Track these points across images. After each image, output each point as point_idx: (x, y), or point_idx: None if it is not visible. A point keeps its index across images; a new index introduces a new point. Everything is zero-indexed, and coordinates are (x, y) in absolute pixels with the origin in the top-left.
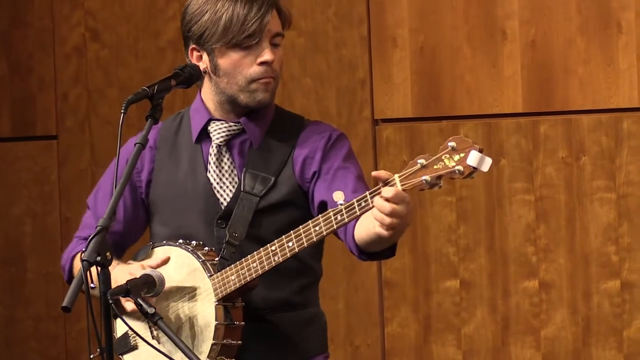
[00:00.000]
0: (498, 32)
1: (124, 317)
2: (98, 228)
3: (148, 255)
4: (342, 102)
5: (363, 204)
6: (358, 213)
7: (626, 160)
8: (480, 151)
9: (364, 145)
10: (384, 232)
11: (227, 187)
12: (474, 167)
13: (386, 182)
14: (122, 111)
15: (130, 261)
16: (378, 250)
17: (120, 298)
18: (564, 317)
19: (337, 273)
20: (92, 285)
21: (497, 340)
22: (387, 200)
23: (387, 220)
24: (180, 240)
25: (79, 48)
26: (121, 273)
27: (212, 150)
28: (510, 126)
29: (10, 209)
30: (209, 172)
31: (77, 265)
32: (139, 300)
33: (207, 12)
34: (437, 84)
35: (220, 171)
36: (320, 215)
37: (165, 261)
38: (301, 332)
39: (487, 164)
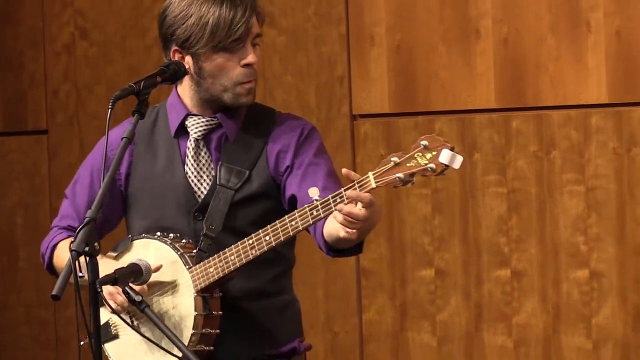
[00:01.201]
0: (471, 31)
1: (104, 307)
2: (87, 219)
3: (127, 248)
4: (322, 97)
5: (338, 200)
6: (333, 209)
7: (594, 154)
8: (452, 149)
9: (342, 139)
10: (348, 236)
11: (204, 180)
12: (445, 165)
13: (360, 181)
14: (109, 107)
15: (109, 253)
16: (345, 248)
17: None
18: (534, 305)
19: (316, 262)
20: (80, 274)
21: (470, 326)
22: (356, 197)
23: (350, 226)
24: (158, 233)
25: (68, 46)
26: (105, 263)
27: (190, 144)
28: (483, 121)
29: (3, 200)
30: (187, 165)
31: (58, 254)
32: (126, 288)
33: (192, 16)
34: (412, 80)
35: (197, 165)
36: (296, 211)
37: (158, 269)
38: (276, 319)
39: (458, 161)
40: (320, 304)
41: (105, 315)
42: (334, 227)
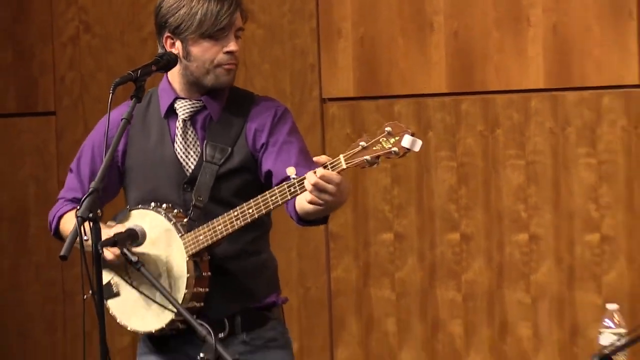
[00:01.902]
0: (426, 25)
1: (109, 267)
2: (91, 189)
3: (126, 217)
4: (295, 84)
5: (310, 180)
6: (308, 186)
7: (533, 132)
8: (412, 135)
9: (313, 120)
10: (317, 205)
11: (192, 156)
12: (407, 148)
13: (332, 162)
14: (110, 91)
15: (109, 222)
16: (312, 219)
17: (104, 250)
18: (480, 264)
19: (291, 228)
20: (85, 237)
21: (424, 283)
22: (330, 182)
23: (319, 200)
24: (153, 204)
25: (73, 38)
26: (105, 230)
27: (179, 124)
28: (436, 104)
29: (16, 174)
30: (176, 143)
31: (64, 222)
32: (124, 250)
33: (183, 7)
34: (374, 68)
35: (185, 142)
36: (276, 188)
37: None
38: (256, 275)
39: (418, 145)
40: (294, 263)
41: (107, 275)
42: (305, 201)
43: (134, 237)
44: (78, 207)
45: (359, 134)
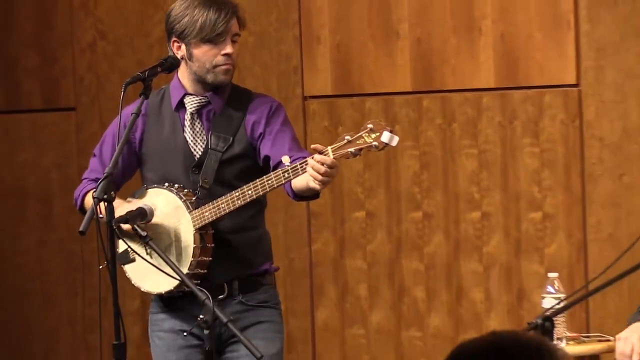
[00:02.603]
0: (393, 33)
1: (125, 238)
2: (105, 174)
3: (143, 194)
4: (281, 84)
5: (304, 166)
6: (300, 172)
7: (484, 125)
8: (391, 131)
9: (296, 115)
10: (316, 186)
11: (199, 144)
12: (385, 143)
13: (321, 152)
14: (122, 90)
15: (129, 199)
16: (306, 195)
17: (121, 224)
18: (440, 239)
19: (278, 206)
20: (100, 215)
21: (392, 255)
22: (323, 164)
23: (320, 178)
24: (166, 184)
25: (91, 45)
26: (122, 206)
27: (187, 117)
28: (401, 101)
29: (41, 161)
30: (185, 132)
31: (88, 200)
32: (135, 226)
33: (187, 15)
34: (349, 70)
35: (193, 132)
36: (272, 173)
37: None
38: (253, 247)
39: (395, 140)
40: (280, 237)
41: (124, 244)
42: (302, 182)
43: (144, 215)
44: (94, 190)
45: (335, 127)
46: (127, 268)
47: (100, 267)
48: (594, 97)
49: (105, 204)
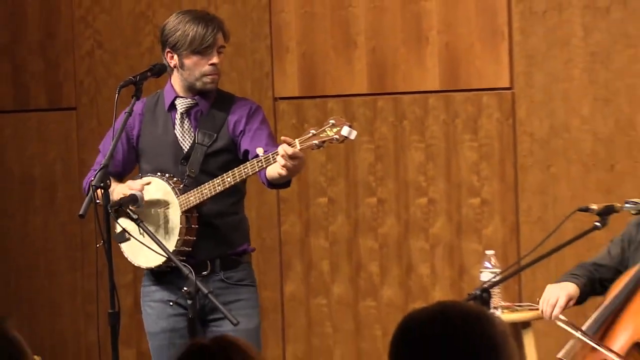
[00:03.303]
0: (352, 43)
1: (121, 220)
2: (101, 165)
3: None
4: (255, 87)
5: (275, 157)
6: (272, 162)
7: (431, 123)
8: (350, 126)
9: (268, 114)
10: (284, 172)
11: (187, 140)
12: (345, 136)
13: (290, 144)
14: (117, 92)
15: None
16: (279, 183)
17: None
18: (392, 221)
19: (252, 194)
20: (97, 201)
21: (350, 234)
22: (291, 154)
23: (288, 165)
24: (159, 173)
25: (90, 53)
26: (119, 189)
27: (178, 116)
28: (359, 102)
29: (46, 155)
30: (176, 130)
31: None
32: (127, 210)
33: (179, 30)
34: (313, 75)
35: (182, 130)
36: (248, 162)
37: (145, 182)
38: (233, 230)
39: (353, 134)
40: (254, 220)
41: (121, 226)
42: (274, 171)
43: (135, 200)
44: (92, 178)
45: (301, 124)
46: (123, 246)
47: (97, 245)
48: (525, 98)
49: (102, 191)
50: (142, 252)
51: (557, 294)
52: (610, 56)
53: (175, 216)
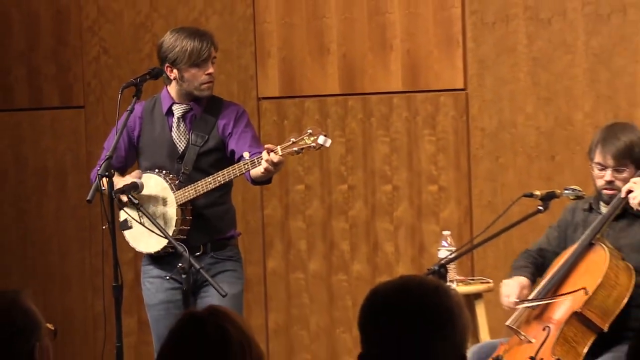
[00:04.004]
0: (325, 50)
1: (125, 209)
2: (107, 157)
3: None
4: (240, 88)
5: (260, 160)
6: (257, 164)
7: (395, 120)
8: (325, 135)
9: (252, 112)
10: (266, 173)
11: (182, 141)
12: (321, 144)
13: (273, 150)
14: (120, 92)
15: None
16: (261, 181)
17: (120, 195)
18: (360, 205)
19: (237, 182)
20: (103, 188)
21: (324, 217)
22: (272, 161)
23: (270, 169)
24: (157, 170)
25: (96, 57)
26: (121, 180)
27: (175, 120)
28: (332, 101)
29: (58, 147)
30: (173, 132)
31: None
32: (129, 196)
33: (177, 46)
34: (292, 78)
35: (178, 132)
36: (236, 164)
37: (136, 176)
38: (222, 218)
39: (328, 142)
40: (239, 205)
41: (124, 215)
42: (257, 172)
43: (136, 187)
44: (98, 169)
45: (282, 121)
46: (126, 233)
47: (104, 227)
48: (477, 98)
49: (107, 179)
50: (142, 239)
51: (513, 287)
52: (551, 61)
53: (172, 209)
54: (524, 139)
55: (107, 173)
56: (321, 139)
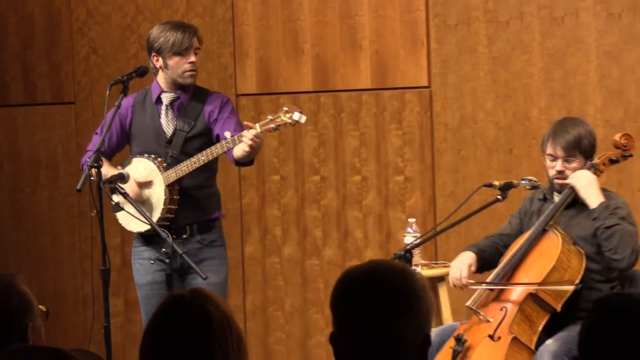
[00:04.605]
0: (299, 50)
1: (115, 195)
2: (96, 148)
3: (129, 162)
4: (220, 85)
5: (240, 139)
6: (237, 142)
7: (364, 115)
8: (300, 112)
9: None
10: (247, 149)
11: (170, 127)
12: (296, 120)
13: (252, 127)
14: (108, 90)
15: (118, 166)
16: (244, 161)
17: (107, 185)
18: (332, 195)
19: (218, 177)
20: (92, 178)
21: (298, 206)
22: (253, 135)
23: (250, 143)
24: (146, 155)
25: (86, 57)
26: (110, 170)
27: (163, 108)
28: (306, 97)
29: (51, 140)
30: (161, 119)
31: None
32: (116, 185)
33: (162, 37)
34: (268, 76)
35: (167, 119)
36: (218, 143)
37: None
38: (208, 200)
39: (303, 118)
40: (220, 194)
41: (116, 199)
42: (239, 150)
43: (122, 178)
44: (87, 159)
45: (259, 116)
46: (118, 215)
47: (92, 214)
48: (440, 95)
49: (95, 170)
50: (133, 220)
51: (459, 268)
52: (509, 61)
53: (160, 189)
54: (484, 133)
55: (95, 164)
56: (296, 115)
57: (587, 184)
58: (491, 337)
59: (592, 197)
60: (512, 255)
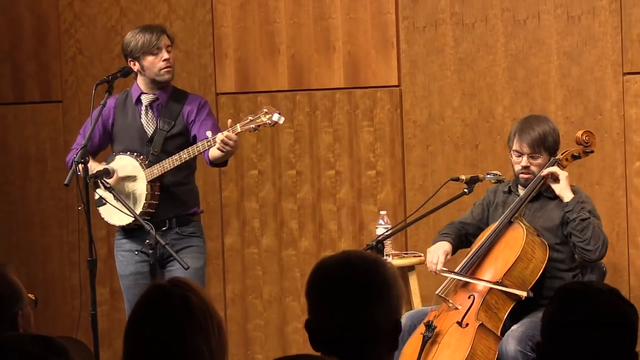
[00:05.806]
0: (276, 51)
1: (99, 189)
2: (82, 145)
3: (112, 159)
4: (201, 84)
5: (219, 138)
6: (217, 142)
7: (337, 112)
8: (279, 114)
9: (211, 106)
10: (222, 153)
11: (151, 126)
12: (275, 121)
13: (232, 127)
14: (94, 89)
15: (102, 162)
16: (218, 162)
17: (93, 180)
18: (308, 188)
19: (199, 168)
20: (79, 173)
21: (275, 199)
22: (228, 137)
23: (225, 147)
24: (128, 152)
25: (73, 57)
26: (96, 166)
27: (143, 108)
28: (282, 96)
29: (39, 136)
30: (142, 119)
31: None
32: (102, 180)
33: (132, 41)
34: (246, 76)
35: (147, 119)
36: (199, 142)
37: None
38: (187, 196)
39: (282, 119)
40: (201, 187)
41: (100, 193)
42: (215, 151)
43: (108, 173)
44: (75, 155)
45: (237, 114)
46: (101, 209)
47: (79, 208)
48: (410, 93)
49: (82, 165)
50: (115, 213)
51: (437, 254)
52: (474, 61)
53: (142, 185)
54: (451, 129)
55: (82, 160)
56: (275, 117)
57: (566, 179)
58: (459, 323)
59: (566, 191)
60: (480, 245)
